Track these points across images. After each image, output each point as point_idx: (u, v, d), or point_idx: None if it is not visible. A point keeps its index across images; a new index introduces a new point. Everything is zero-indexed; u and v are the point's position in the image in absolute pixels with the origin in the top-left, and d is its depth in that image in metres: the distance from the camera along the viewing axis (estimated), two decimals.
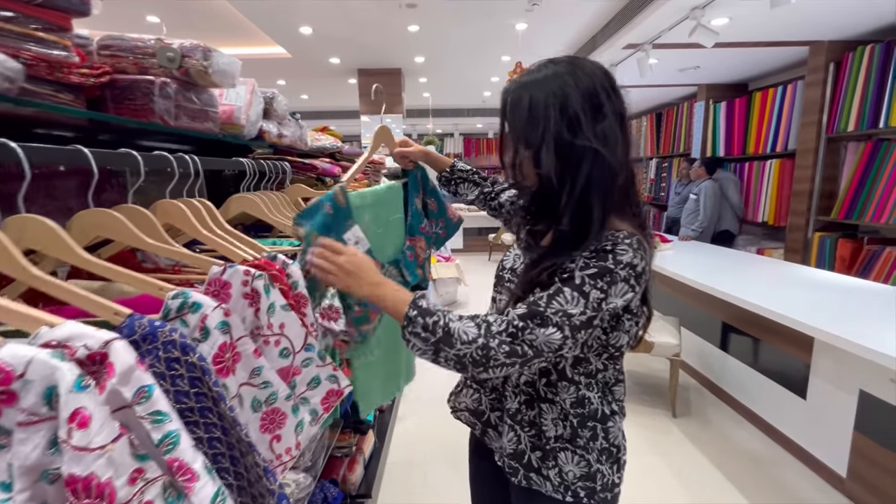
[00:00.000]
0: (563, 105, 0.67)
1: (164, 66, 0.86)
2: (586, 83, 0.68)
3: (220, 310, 0.58)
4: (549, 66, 0.72)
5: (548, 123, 0.67)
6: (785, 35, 3.35)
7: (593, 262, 0.66)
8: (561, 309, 0.65)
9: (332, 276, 0.78)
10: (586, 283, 0.65)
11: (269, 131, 1.20)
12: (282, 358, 0.70)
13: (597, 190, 0.68)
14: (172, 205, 0.80)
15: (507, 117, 0.75)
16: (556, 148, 0.68)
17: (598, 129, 0.67)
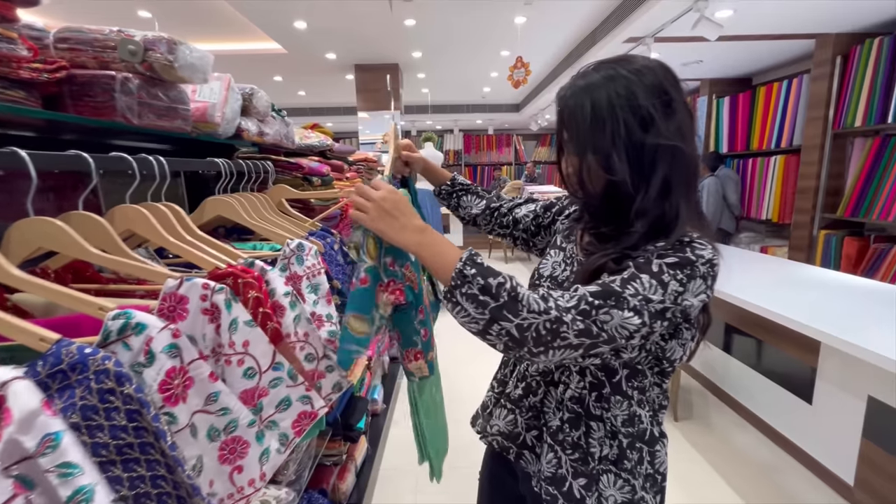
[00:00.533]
0: (632, 104, 0.62)
1: (126, 59, 0.80)
2: (651, 79, 0.63)
3: (168, 331, 0.52)
4: (602, 67, 0.66)
5: (617, 126, 0.62)
6: (791, 27, 3.26)
7: (671, 252, 0.60)
8: (639, 293, 0.57)
9: (365, 214, 0.67)
10: (665, 271, 0.59)
11: (248, 129, 1.13)
12: (246, 378, 0.64)
13: (680, 188, 0.63)
14: (133, 210, 0.74)
15: (565, 125, 0.68)
16: (630, 151, 0.62)
17: (673, 124, 0.63)
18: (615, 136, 0.62)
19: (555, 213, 0.95)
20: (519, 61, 3.87)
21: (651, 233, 0.63)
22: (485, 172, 9.68)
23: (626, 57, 0.67)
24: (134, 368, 0.51)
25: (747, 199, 4.31)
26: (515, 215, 0.99)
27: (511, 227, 0.99)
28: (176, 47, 0.82)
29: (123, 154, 0.73)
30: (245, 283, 0.74)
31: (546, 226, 0.95)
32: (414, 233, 0.65)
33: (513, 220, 0.99)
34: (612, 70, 0.64)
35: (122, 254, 0.67)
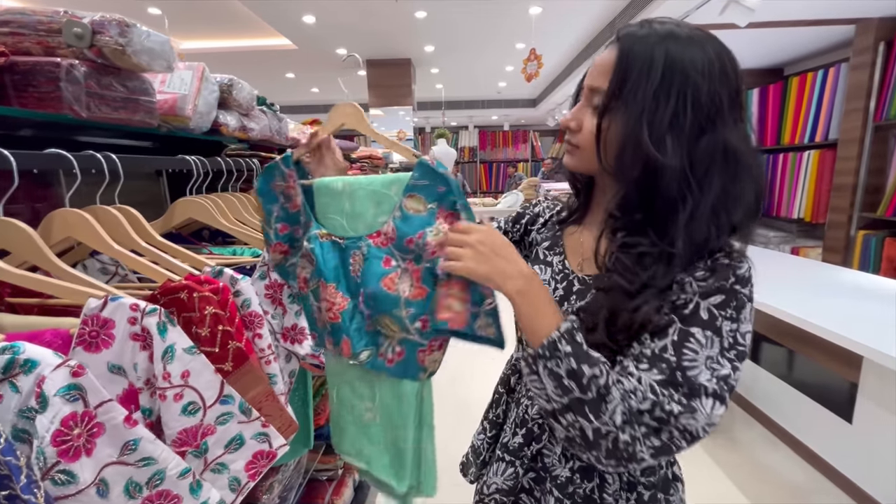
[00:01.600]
0: (711, 81, 0.50)
1: (73, 44, 0.71)
2: (728, 60, 0.52)
3: (66, 369, 0.42)
4: (685, 26, 0.54)
5: (684, 103, 0.50)
6: (828, 12, 3.02)
7: (713, 283, 0.51)
8: (701, 360, 0.49)
9: (461, 262, 0.57)
10: (717, 316, 0.50)
11: (227, 124, 1.04)
12: (186, 415, 0.54)
13: (733, 213, 0.52)
14: (75, 215, 0.65)
15: (621, 76, 0.53)
16: (690, 139, 0.51)
17: (741, 126, 0.53)
18: (679, 115, 0.50)
19: (525, 223, 0.81)
20: (532, 54, 3.71)
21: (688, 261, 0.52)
22: (501, 169, 9.52)
23: (708, 35, 0.54)
24: (24, 414, 0.41)
25: (777, 197, 4.07)
26: None
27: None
28: (129, 30, 0.72)
29: (60, 151, 0.64)
30: (201, 298, 0.65)
31: (518, 240, 0.82)
32: (518, 279, 0.56)
33: None
34: (691, 31, 0.53)
35: (50, 266, 0.58)
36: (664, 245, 0.52)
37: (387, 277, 0.64)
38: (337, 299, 0.67)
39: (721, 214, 0.52)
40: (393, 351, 0.66)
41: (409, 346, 0.65)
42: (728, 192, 0.51)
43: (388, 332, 0.66)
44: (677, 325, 0.50)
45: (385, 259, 0.65)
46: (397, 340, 0.66)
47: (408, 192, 0.64)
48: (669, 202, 0.52)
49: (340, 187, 0.70)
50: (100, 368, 0.51)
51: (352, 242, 0.68)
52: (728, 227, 0.53)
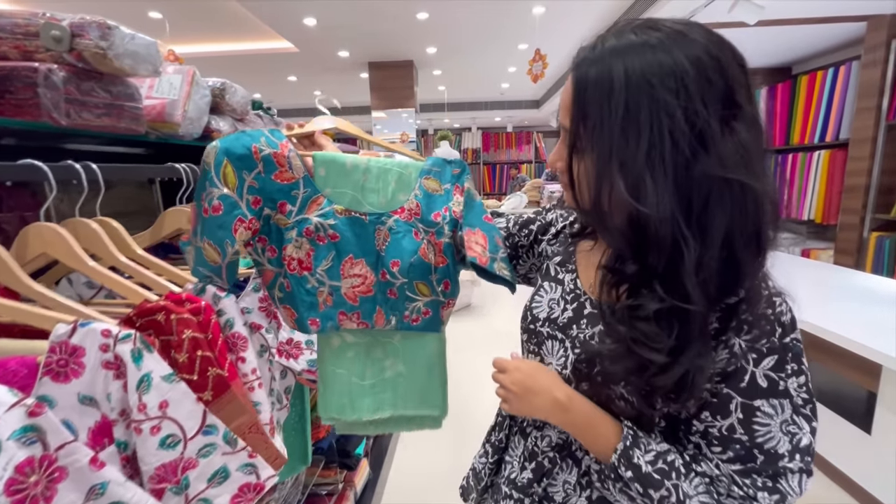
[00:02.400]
0: (682, 96, 0.42)
1: (51, 48, 0.67)
2: (706, 60, 0.43)
3: (21, 410, 0.38)
4: (641, 30, 0.45)
5: (659, 133, 0.42)
6: (838, 9, 2.96)
7: (763, 345, 0.46)
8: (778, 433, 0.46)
9: (508, 404, 0.59)
10: (776, 380, 0.46)
11: (220, 130, 1.00)
12: (165, 449, 0.50)
13: (742, 246, 0.44)
14: (49, 230, 0.61)
15: (581, 106, 0.47)
16: (676, 176, 0.43)
17: (737, 141, 0.43)
18: (653, 148, 0.42)
19: (536, 231, 0.74)
20: (537, 54, 3.67)
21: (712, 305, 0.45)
22: (504, 171, 9.46)
23: (671, 22, 0.46)
24: None
25: (786, 198, 4.00)
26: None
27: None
28: (110, 32, 0.68)
29: (34, 161, 0.60)
30: (179, 320, 0.60)
31: (526, 246, 0.75)
32: (556, 410, 0.54)
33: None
34: (653, 36, 0.44)
35: (19, 286, 0.54)
36: (676, 301, 0.43)
37: (421, 248, 0.70)
38: (367, 273, 0.70)
39: (739, 249, 0.44)
40: (418, 311, 0.73)
41: (435, 305, 0.73)
42: (741, 221, 0.43)
43: (419, 296, 0.72)
44: (737, 400, 0.46)
45: (414, 232, 0.70)
46: (424, 303, 0.73)
47: (424, 175, 0.72)
48: (665, 252, 0.44)
49: (350, 162, 0.69)
50: (69, 400, 0.47)
51: (375, 218, 0.69)
52: (752, 257, 0.45)
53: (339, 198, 0.69)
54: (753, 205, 0.43)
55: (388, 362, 0.78)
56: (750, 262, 0.45)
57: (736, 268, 0.44)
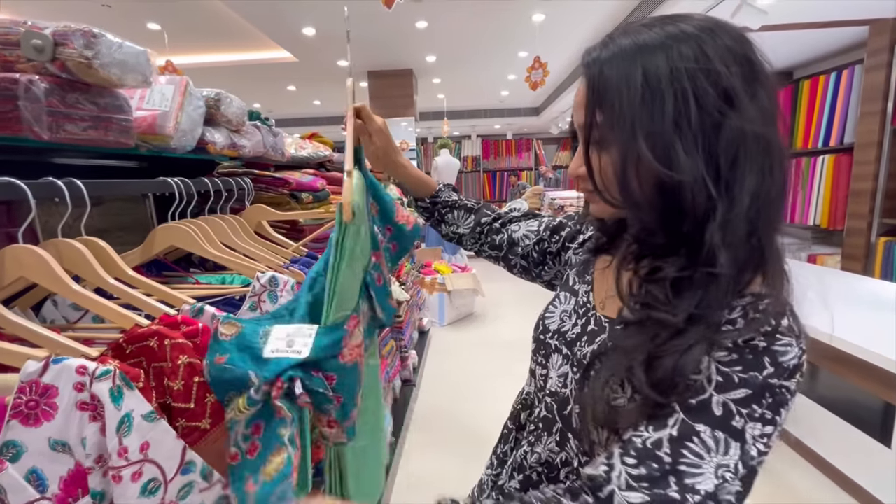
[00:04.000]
0: (707, 69, 0.41)
1: (32, 58, 0.63)
2: (727, 40, 0.43)
3: None
4: (657, 23, 0.45)
5: (684, 100, 0.41)
6: (841, 13, 2.94)
7: (738, 372, 0.39)
8: (704, 473, 0.38)
9: None
10: (734, 413, 0.39)
11: (214, 142, 0.96)
12: (145, 497, 0.45)
13: (774, 208, 0.43)
14: (27, 252, 0.57)
15: (601, 103, 0.45)
16: (702, 138, 0.41)
17: (763, 105, 0.42)
18: (680, 114, 0.41)
19: (565, 238, 0.72)
20: (536, 62, 3.65)
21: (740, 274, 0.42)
22: (504, 178, 9.45)
23: (676, 15, 0.46)
24: None
25: (791, 203, 3.96)
26: (512, 234, 0.76)
27: (505, 248, 0.77)
28: (96, 41, 0.64)
29: (12, 179, 0.56)
30: (174, 346, 0.56)
31: (554, 253, 0.73)
32: None
33: (507, 241, 0.77)
34: (673, 26, 0.43)
35: None
36: (703, 266, 0.42)
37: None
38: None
39: (764, 211, 0.42)
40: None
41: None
42: (767, 180, 0.42)
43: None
44: (679, 416, 0.40)
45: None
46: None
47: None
48: (697, 217, 0.42)
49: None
50: (39, 446, 0.42)
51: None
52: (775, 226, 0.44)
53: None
54: (779, 163, 0.43)
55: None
56: (773, 231, 0.44)
57: (760, 236, 0.42)
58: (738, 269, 0.42)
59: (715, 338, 0.40)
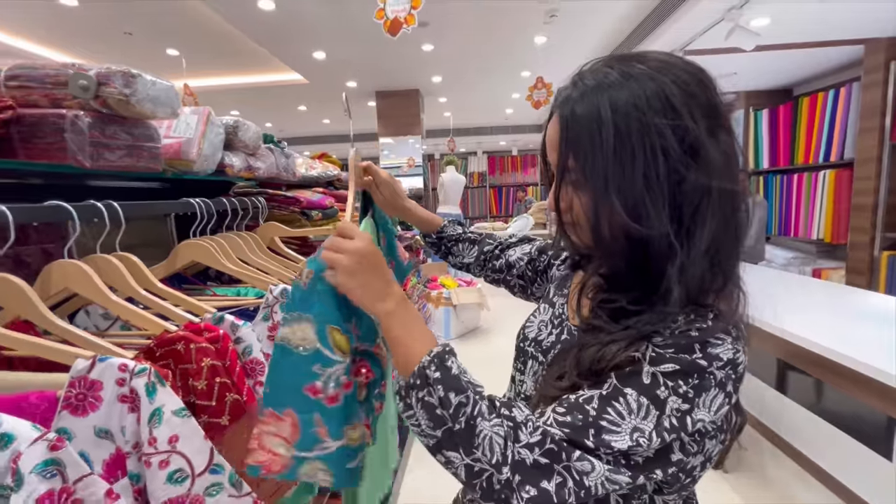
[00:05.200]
0: (672, 117, 0.44)
1: (78, 96, 0.72)
2: (687, 79, 0.45)
3: (43, 444, 0.40)
4: (616, 63, 0.48)
5: (653, 156, 0.44)
6: (835, 33, 3.02)
7: (670, 353, 0.43)
8: (622, 424, 0.42)
9: (334, 270, 0.54)
10: (660, 383, 0.43)
11: (233, 164, 1.05)
12: (172, 484, 0.51)
13: (730, 246, 0.47)
14: (72, 266, 0.65)
15: (570, 143, 0.48)
16: (671, 194, 0.44)
17: (721, 153, 0.45)
18: (649, 171, 0.43)
19: (550, 256, 0.79)
20: (539, 81, 3.76)
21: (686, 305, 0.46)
22: (510, 193, 9.55)
23: (643, 53, 0.48)
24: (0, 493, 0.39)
25: (794, 217, 3.98)
26: (508, 258, 0.84)
27: (504, 271, 0.84)
28: (133, 80, 0.73)
29: (61, 203, 0.64)
30: (198, 349, 0.63)
31: (542, 271, 0.80)
32: (389, 300, 0.52)
33: (505, 265, 0.84)
34: (632, 67, 0.46)
35: (43, 321, 0.57)
36: (657, 300, 0.46)
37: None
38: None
39: (718, 254, 0.46)
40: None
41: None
42: (725, 226, 0.45)
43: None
44: (612, 381, 0.44)
45: None
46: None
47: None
48: (661, 263, 0.46)
49: None
50: (86, 433, 0.48)
51: None
52: (732, 262, 0.48)
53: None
54: (735, 210, 0.46)
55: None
56: (731, 264, 0.47)
57: (718, 270, 0.46)
58: (691, 300, 0.45)
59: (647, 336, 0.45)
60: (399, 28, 1.80)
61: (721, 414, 0.44)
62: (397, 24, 1.80)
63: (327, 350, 0.55)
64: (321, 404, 0.53)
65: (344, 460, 0.54)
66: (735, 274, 0.49)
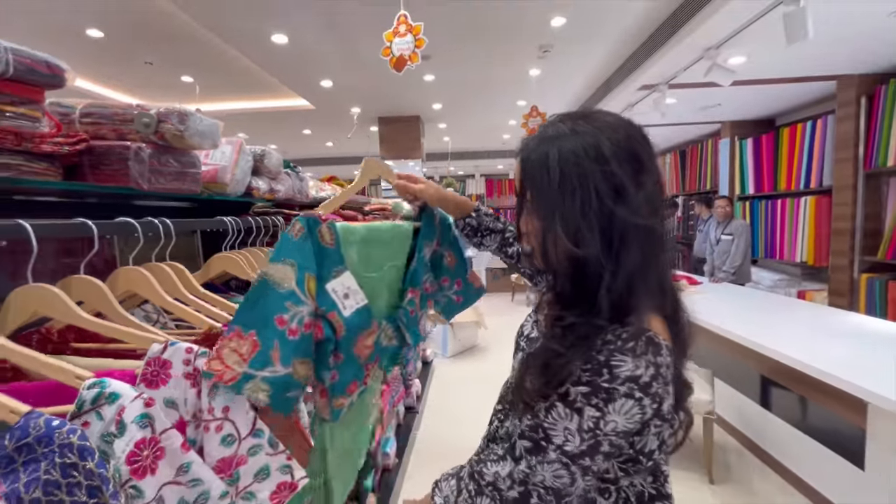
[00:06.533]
0: (602, 165, 0.56)
1: (141, 131, 0.86)
2: (619, 135, 0.58)
3: (140, 401, 0.52)
4: (566, 120, 0.61)
5: (586, 188, 0.55)
6: (809, 70, 3.24)
7: (586, 377, 0.55)
8: (556, 430, 0.57)
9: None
10: (578, 399, 0.56)
11: (258, 187, 1.19)
12: (224, 446, 0.63)
13: (648, 269, 0.58)
14: (135, 271, 0.78)
15: (528, 180, 0.61)
16: (601, 223, 0.56)
17: (645, 194, 0.57)
18: (585, 205, 0.56)
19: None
20: (534, 110, 3.97)
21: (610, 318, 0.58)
22: (507, 215, 9.74)
23: (590, 112, 0.62)
24: (105, 439, 0.50)
25: (779, 241, 4.14)
26: (518, 249, 0.97)
27: (515, 258, 0.99)
28: (187, 118, 0.87)
29: (128, 219, 0.77)
30: None
31: (539, 269, 0.93)
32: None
33: (516, 252, 0.98)
34: (577, 124, 0.59)
35: (117, 316, 0.69)
36: (593, 317, 0.57)
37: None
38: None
39: (636, 276, 0.56)
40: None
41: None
42: (646, 255, 0.56)
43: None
44: (553, 398, 0.57)
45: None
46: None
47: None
48: (594, 281, 0.57)
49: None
50: (158, 403, 0.60)
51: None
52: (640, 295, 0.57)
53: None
54: (656, 243, 0.58)
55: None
56: (646, 290, 0.57)
57: (635, 294, 0.57)
58: (617, 316, 0.56)
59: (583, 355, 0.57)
60: (404, 65, 1.98)
61: (637, 420, 0.55)
62: (402, 61, 1.98)
63: (301, 292, 0.66)
64: (283, 334, 0.63)
65: (285, 388, 0.64)
66: (646, 299, 0.58)
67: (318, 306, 0.70)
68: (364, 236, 0.83)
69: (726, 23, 2.41)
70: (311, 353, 0.69)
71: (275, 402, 0.63)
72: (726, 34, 2.50)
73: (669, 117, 3.82)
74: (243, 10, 2.67)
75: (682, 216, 6.09)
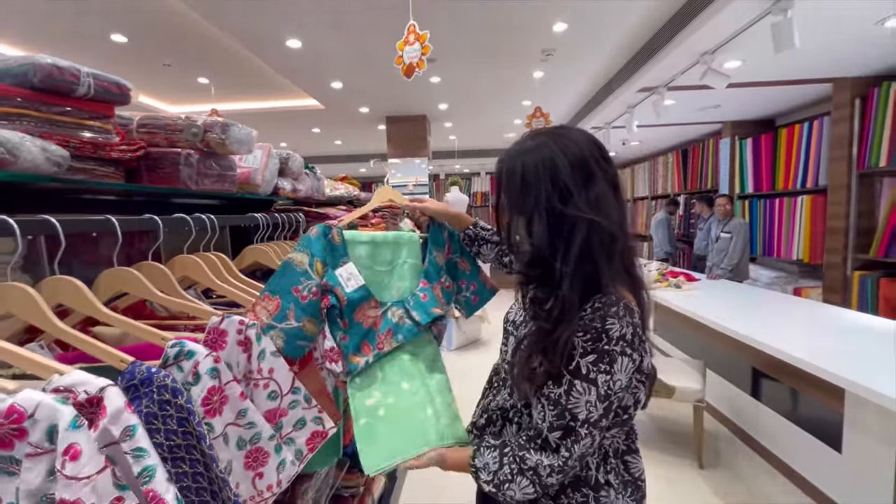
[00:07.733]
0: (553, 175, 0.70)
1: (190, 139, 1.00)
2: (574, 151, 0.71)
3: (211, 357, 0.66)
4: (536, 136, 0.76)
5: (539, 193, 0.71)
6: (804, 73, 3.33)
7: (590, 346, 0.67)
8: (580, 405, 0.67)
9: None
10: (590, 371, 0.67)
11: (284, 187, 1.33)
12: (270, 400, 0.77)
13: (600, 253, 0.69)
14: (189, 259, 0.92)
15: (502, 186, 0.78)
16: (548, 217, 0.71)
17: (591, 196, 0.70)
18: (537, 202, 0.71)
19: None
20: (538, 111, 4.09)
21: (581, 293, 0.69)
22: None
23: (561, 128, 0.76)
24: (184, 386, 0.65)
25: (777, 239, 4.24)
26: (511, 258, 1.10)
27: (509, 266, 1.11)
28: (228, 128, 1.02)
29: (185, 216, 0.92)
30: None
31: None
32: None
33: (510, 261, 1.10)
34: (542, 140, 0.74)
35: (178, 295, 0.84)
36: (557, 290, 0.70)
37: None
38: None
39: (592, 259, 0.68)
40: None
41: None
42: (587, 245, 0.68)
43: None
44: (567, 377, 0.68)
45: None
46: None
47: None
48: (549, 264, 0.71)
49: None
50: None
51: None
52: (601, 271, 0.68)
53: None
54: (599, 234, 0.69)
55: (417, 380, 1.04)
56: (602, 272, 0.69)
57: (591, 274, 0.69)
58: (579, 293, 0.68)
59: (573, 328, 0.68)
60: (413, 71, 2.11)
61: (631, 370, 0.68)
62: (411, 68, 2.11)
63: (311, 271, 0.89)
64: (297, 300, 0.86)
65: (296, 337, 0.85)
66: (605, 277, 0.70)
67: (326, 282, 0.91)
68: (371, 239, 1.02)
69: (720, 30, 2.51)
70: (317, 314, 0.90)
71: (287, 348, 0.83)
72: (720, 40, 2.61)
73: (670, 117, 3.92)
74: (261, 17, 2.82)
75: (683, 215, 6.17)
